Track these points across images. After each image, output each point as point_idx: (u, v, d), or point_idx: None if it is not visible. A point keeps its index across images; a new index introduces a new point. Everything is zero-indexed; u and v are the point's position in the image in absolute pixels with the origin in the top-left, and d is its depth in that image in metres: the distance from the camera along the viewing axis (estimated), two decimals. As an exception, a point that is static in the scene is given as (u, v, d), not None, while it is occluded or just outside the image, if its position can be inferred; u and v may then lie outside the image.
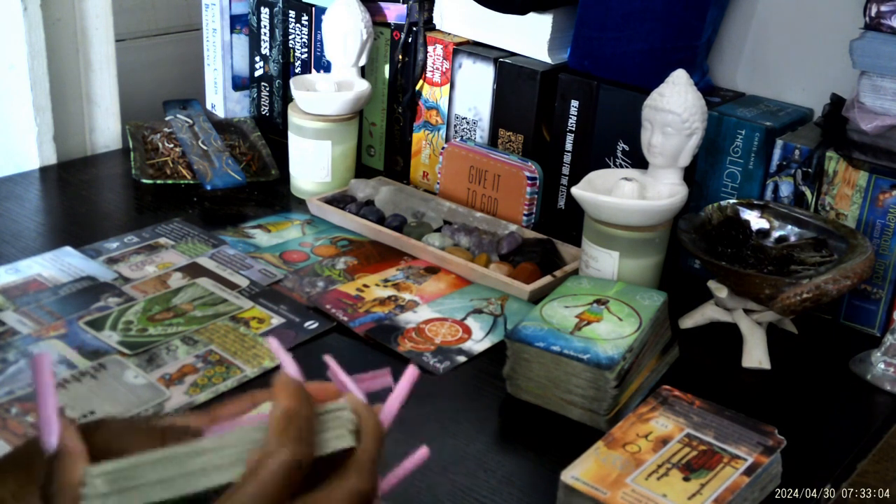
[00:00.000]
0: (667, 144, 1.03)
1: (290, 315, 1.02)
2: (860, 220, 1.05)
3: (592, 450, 0.78)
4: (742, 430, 0.81)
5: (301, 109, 1.30)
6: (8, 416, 0.83)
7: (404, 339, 0.99)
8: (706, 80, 1.22)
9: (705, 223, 1.06)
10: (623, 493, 0.73)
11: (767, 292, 0.94)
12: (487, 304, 1.07)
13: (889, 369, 0.98)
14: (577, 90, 1.22)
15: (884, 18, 1.00)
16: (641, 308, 0.95)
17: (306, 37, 1.44)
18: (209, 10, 1.49)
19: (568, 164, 1.25)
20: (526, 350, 0.89)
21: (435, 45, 1.33)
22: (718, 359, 1.01)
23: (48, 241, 1.15)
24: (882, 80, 1.02)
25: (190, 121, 1.44)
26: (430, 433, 0.86)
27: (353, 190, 1.30)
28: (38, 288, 1.04)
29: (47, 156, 1.36)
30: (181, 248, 1.15)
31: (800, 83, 1.20)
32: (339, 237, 1.22)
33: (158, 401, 0.87)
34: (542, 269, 1.12)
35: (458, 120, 1.33)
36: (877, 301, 1.07)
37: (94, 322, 0.98)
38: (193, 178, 1.31)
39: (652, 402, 0.84)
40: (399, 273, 1.13)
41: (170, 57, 1.63)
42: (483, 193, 1.26)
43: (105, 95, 1.43)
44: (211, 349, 0.95)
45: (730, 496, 0.73)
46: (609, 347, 0.88)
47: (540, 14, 1.25)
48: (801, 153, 1.08)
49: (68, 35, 1.38)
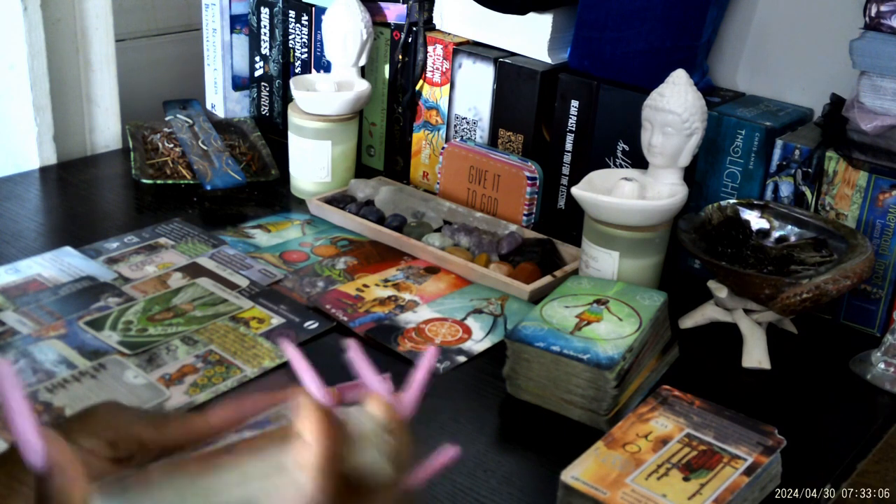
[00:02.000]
0: (667, 144, 1.03)
1: (290, 315, 1.02)
2: (860, 220, 1.05)
3: (592, 450, 0.78)
4: (742, 430, 0.81)
5: (301, 109, 1.30)
6: (8, 416, 0.83)
7: (404, 339, 0.99)
8: (706, 80, 1.22)
9: (705, 223, 1.06)
10: (623, 493, 0.73)
11: (767, 292, 0.94)
12: (487, 304, 1.07)
13: (889, 369, 0.98)
14: (577, 90, 1.22)
15: (884, 18, 1.00)
16: (641, 308, 0.95)
17: (306, 37, 1.44)
18: (209, 10, 1.49)
19: (568, 164, 1.25)
20: (526, 350, 0.89)
21: (435, 45, 1.33)
22: (718, 359, 1.01)
23: (48, 241, 1.15)
24: (882, 80, 1.02)
25: (190, 121, 1.44)
26: (430, 433, 0.86)
27: (353, 190, 1.30)
28: (38, 288, 1.04)
29: (47, 156, 1.36)
30: (181, 248, 1.15)
31: (800, 83, 1.20)
32: (339, 237, 1.22)
33: (158, 401, 0.87)
34: (542, 269, 1.12)
35: (458, 120, 1.33)
36: (877, 301, 1.07)
37: (94, 322, 0.98)
38: (193, 178, 1.31)
39: (652, 402, 0.84)
40: (399, 273, 1.13)
41: (170, 57, 1.63)
42: (483, 193, 1.26)
43: (105, 95, 1.43)
44: (211, 349, 0.95)
45: (730, 496, 0.73)
46: (609, 347, 0.88)
47: (540, 14, 1.25)
48: (801, 153, 1.08)
49: (68, 35, 1.38)
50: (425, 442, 0.54)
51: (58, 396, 0.86)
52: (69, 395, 0.86)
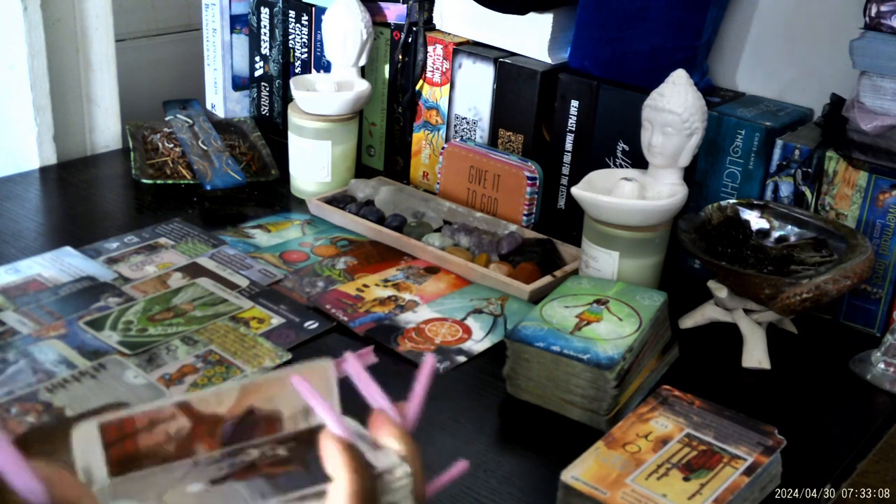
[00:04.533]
0: (667, 144, 1.03)
1: (290, 315, 1.02)
2: (860, 220, 1.05)
3: (592, 450, 0.78)
4: (742, 430, 0.81)
5: (301, 109, 1.30)
6: (8, 416, 0.83)
7: (404, 339, 0.99)
8: (706, 80, 1.22)
9: (705, 223, 1.06)
10: (623, 493, 0.73)
11: (767, 292, 0.94)
12: (487, 304, 1.07)
13: (889, 369, 0.98)
14: (577, 90, 1.22)
15: (884, 18, 1.00)
16: (641, 308, 0.95)
17: (306, 37, 1.44)
18: (209, 10, 1.49)
19: (568, 164, 1.25)
20: (526, 350, 0.89)
21: (435, 45, 1.33)
22: (718, 359, 1.01)
23: (48, 241, 1.15)
24: (882, 80, 1.02)
25: (190, 121, 1.44)
26: (430, 433, 0.86)
27: (353, 190, 1.30)
28: (38, 288, 1.04)
29: (47, 156, 1.37)
30: (181, 248, 1.15)
31: (800, 83, 1.20)
32: (339, 237, 1.22)
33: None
34: (542, 269, 1.12)
35: (458, 120, 1.33)
36: (877, 301, 1.07)
37: (94, 322, 0.98)
38: (193, 178, 1.31)
39: (652, 402, 0.84)
40: (399, 273, 1.13)
41: (170, 57, 1.63)
42: (483, 193, 1.26)
43: (105, 95, 1.43)
44: (211, 349, 0.95)
45: (730, 496, 0.73)
46: (609, 347, 0.88)
47: (540, 14, 1.25)
48: (801, 153, 1.08)
49: (68, 35, 1.38)
50: (425, 442, 0.53)
51: (58, 396, 0.86)
52: (69, 395, 0.86)
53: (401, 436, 0.49)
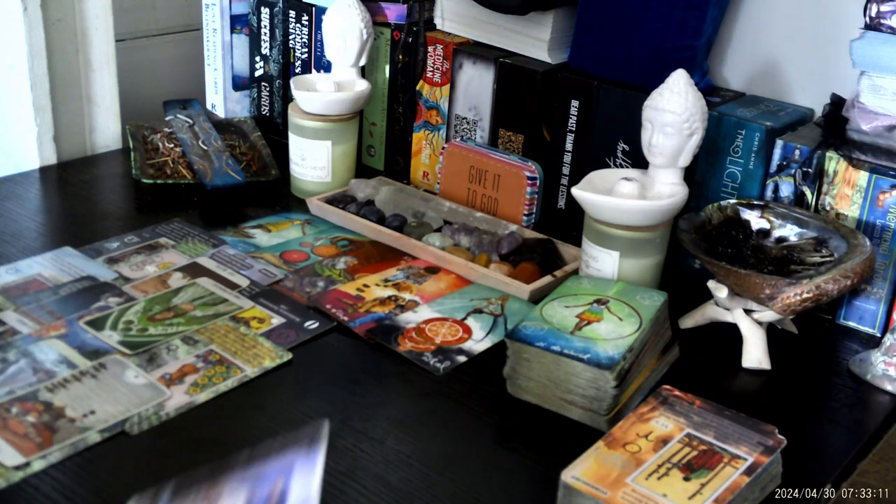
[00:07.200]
0: (667, 144, 1.03)
1: (290, 315, 1.02)
2: (860, 220, 1.05)
3: (592, 450, 0.78)
4: (742, 430, 0.81)
5: (301, 109, 1.30)
6: (8, 416, 0.83)
7: (404, 339, 0.99)
8: (706, 80, 1.22)
9: (705, 223, 1.06)
10: (623, 492, 0.73)
11: (767, 292, 0.94)
12: (487, 304, 1.07)
13: (889, 369, 0.98)
14: (577, 90, 1.22)
15: (884, 18, 1.00)
16: (641, 308, 0.95)
17: (306, 37, 1.44)
18: (209, 10, 1.49)
19: (568, 164, 1.25)
20: (526, 350, 0.89)
21: (435, 45, 1.33)
22: (718, 359, 1.01)
23: (48, 241, 1.15)
24: (882, 80, 1.02)
25: (190, 121, 1.44)
26: (430, 433, 0.86)
27: (353, 190, 1.30)
28: (38, 288, 1.04)
29: (47, 156, 1.37)
30: (181, 248, 1.15)
31: (800, 83, 1.20)
32: (339, 237, 1.22)
33: (159, 400, 0.87)
34: (542, 269, 1.12)
35: (458, 120, 1.33)
36: (877, 301, 1.07)
37: (95, 322, 0.98)
38: (193, 178, 1.31)
39: (652, 402, 0.84)
40: (399, 273, 1.13)
41: (170, 57, 1.63)
42: (483, 193, 1.26)
43: (105, 95, 1.43)
44: (211, 349, 0.95)
45: (730, 496, 0.73)
46: (609, 347, 0.88)
47: (540, 14, 1.25)
48: (801, 153, 1.08)
49: (68, 35, 1.38)
50: (425, 442, 0.53)
51: (58, 396, 0.86)
52: (69, 394, 0.86)
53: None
